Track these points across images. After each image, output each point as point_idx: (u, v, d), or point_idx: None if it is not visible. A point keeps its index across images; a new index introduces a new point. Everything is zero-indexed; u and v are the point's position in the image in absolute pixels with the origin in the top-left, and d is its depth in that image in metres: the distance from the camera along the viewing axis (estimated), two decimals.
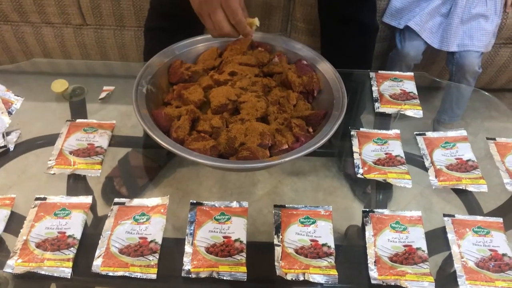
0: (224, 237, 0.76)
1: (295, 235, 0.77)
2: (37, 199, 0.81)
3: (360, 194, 1.01)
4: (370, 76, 1.11)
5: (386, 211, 0.81)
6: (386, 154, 0.91)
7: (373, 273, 0.73)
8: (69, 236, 0.76)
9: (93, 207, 0.82)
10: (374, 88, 1.07)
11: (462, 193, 0.89)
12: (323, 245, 0.75)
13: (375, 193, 0.96)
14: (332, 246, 0.75)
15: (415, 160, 0.94)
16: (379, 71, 1.12)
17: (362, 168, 0.89)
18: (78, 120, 0.97)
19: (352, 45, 1.35)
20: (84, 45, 1.80)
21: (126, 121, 1.00)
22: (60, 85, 1.04)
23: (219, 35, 0.88)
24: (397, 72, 1.11)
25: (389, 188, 0.90)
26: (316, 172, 1.16)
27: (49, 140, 0.93)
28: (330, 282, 0.72)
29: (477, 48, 1.56)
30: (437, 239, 0.80)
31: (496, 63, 1.78)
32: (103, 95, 1.05)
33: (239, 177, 1.19)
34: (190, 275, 0.72)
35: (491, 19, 1.56)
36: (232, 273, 0.72)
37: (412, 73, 1.11)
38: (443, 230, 0.80)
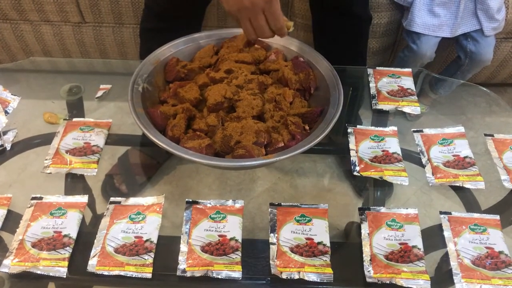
0: (219, 235, 0.76)
1: (290, 234, 0.76)
2: (33, 198, 0.81)
3: (360, 190, 1.01)
4: (368, 73, 1.10)
5: (382, 209, 0.81)
6: (383, 151, 0.91)
7: (368, 271, 0.73)
8: (65, 236, 0.76)
9: (92, 205, 0.82)
10: (371, 85, 1.07)
11: (460, 190, 0.88)
12: (319, 243, 0.75)
13: (373, 190, 0.96)
14: (328, 244, 0.75)
15: (412, 157, 0.93)
16: (377, 68, 1.11)
17: (358, 165, 0.89)
18: (74, 119, 0.97)
19: (344, 36, 1.32)
20: (83, 43, 1.80)
21: (126, 119, 1.00)
22: (48, 116, 1.00)
23: (257, 38, 0.88)
24: (394, 69, 1.11)
25: (389, 184, 0.90)
26: (316, 168, 1.16)
27: (46, 139, 0.93)
28: (325, 281, 0.71)
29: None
30: (434, 237, 0.79)
31: (497, 58, 1.77)
32: (99, 93, 1.05)
33: (239, 174, 1.19)
34: (185, 274, 0.72)
35: None
36: (227, 272, 0.71)
37: (410, 69, 1.10)
38: (439, 227, 0.80)
